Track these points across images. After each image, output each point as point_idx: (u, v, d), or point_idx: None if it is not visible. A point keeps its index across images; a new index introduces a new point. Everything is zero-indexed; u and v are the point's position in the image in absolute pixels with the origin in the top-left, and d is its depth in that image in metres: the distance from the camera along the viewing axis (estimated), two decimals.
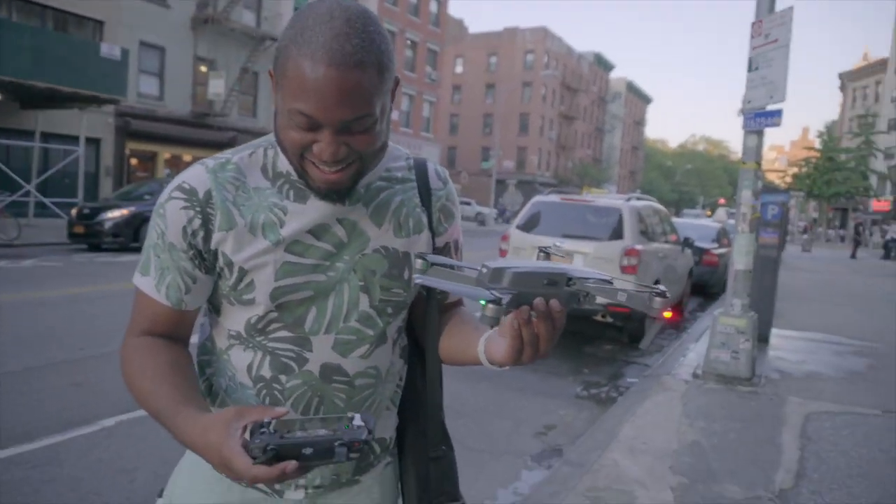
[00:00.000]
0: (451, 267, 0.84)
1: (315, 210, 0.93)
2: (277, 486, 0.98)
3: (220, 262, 0.92)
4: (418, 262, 0.85)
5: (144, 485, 3.00)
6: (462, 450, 3.72)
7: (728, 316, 5.28)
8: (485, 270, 0.75)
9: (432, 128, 37.93)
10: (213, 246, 0.91)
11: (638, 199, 7.75)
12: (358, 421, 0.75)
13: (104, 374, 4.50)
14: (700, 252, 10.49)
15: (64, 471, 3.11)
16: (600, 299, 0.75)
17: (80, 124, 16.40)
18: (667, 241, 8.10)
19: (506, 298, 0.71)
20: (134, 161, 20.92)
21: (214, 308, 1.00)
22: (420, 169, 1.05)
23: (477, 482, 3.35)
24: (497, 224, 33.36)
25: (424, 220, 1.02)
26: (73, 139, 16.78)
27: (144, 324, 0.95)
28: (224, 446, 0.73)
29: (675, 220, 10.66)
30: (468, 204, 36.88)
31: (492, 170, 35.46)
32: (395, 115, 33.75)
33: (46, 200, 15.83)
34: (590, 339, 7.11)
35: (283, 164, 0.94)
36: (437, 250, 1.05)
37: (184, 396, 0.85)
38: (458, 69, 54.37)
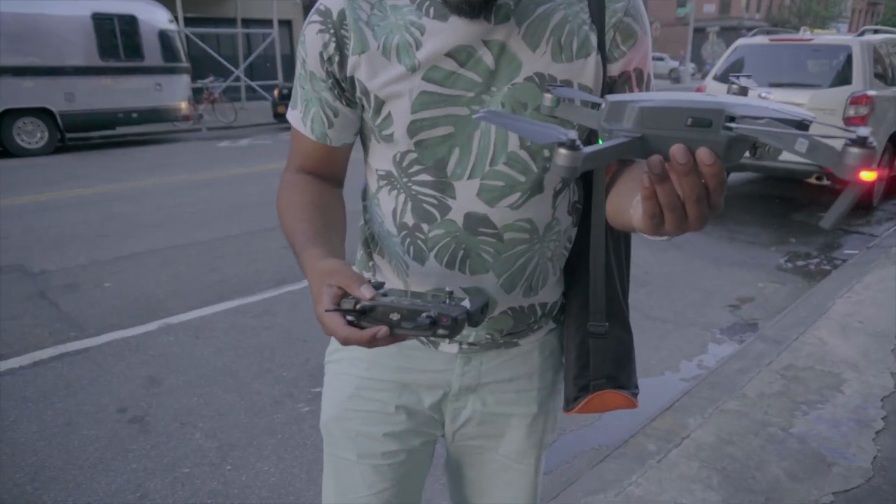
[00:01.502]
0: (585, 103, 0.65)
1: (456, 29, 0.78)
2: (432, 338, 0.95)
3: (358, 90, 0.84)
4: (546, 98, 0.66)
5: None
6: (644, 319, 3.61)
7: None
8: (603, 105, 0.55)
9: None
10: (348, 73, 0.84)
11: (875, 31, 6.32)
12: (466, 303, 0.67)
13: None
14: None
15: (277, 320, 3.58)
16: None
17: (271, 7, 17.40)
18: None
19: (614, 140, 0.52)
20: None
21: (365, 146, 0.95)
22: None
23: (658, 352, 3.23)
24: (694, 81, 29.96)
25: (593, 40, 0.82)
26: (268, 23, 17.98)
27: (298, 159, 0.94)
28: (318, 304, 0.71)
29: None
30: (661, 59, 33.42)
31: (689, 16, 31.25)
32: None
33: (254, 84, 17.42)
34: (801, 204, 6.27)
35: None
36: (611, 81, 0.85)
37: (314, 235, 0.82)
38: None
